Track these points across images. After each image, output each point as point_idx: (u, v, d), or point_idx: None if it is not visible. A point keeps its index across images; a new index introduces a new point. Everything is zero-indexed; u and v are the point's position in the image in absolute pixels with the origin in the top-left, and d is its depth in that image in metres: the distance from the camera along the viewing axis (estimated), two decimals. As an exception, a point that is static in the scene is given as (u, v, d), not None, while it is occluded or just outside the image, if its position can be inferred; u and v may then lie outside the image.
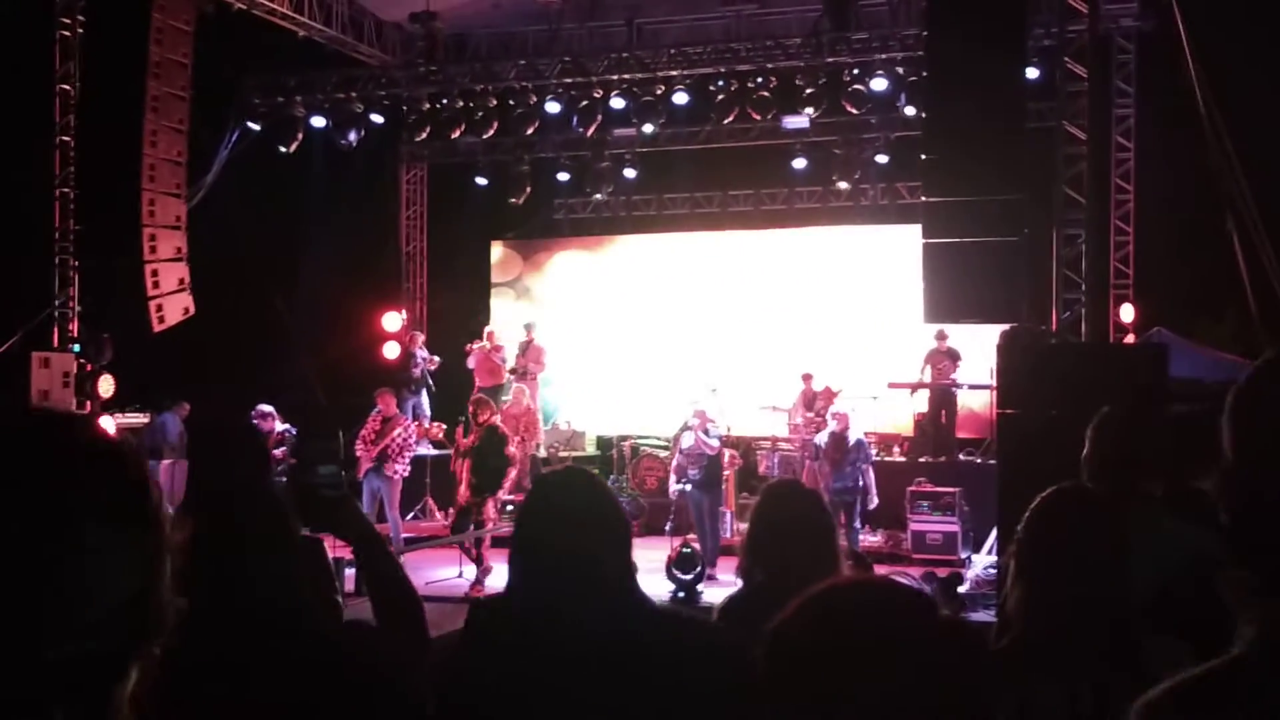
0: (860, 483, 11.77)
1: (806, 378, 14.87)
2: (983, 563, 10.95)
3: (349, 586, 6.30)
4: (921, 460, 14.03)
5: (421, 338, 16.69)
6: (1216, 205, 11.54)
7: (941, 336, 14.40)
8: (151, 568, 1.11)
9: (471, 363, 16.19)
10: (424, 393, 16.32)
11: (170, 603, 1.13)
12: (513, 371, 16.24)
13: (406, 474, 12.13)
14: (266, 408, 12.48)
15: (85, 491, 1.08)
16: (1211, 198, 11.65)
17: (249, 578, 1.98)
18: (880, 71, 14.44)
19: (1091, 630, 2.26)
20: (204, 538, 1.98)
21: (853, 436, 11.94)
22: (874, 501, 11.97)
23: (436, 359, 16.50)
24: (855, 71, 14.62)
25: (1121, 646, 2.26)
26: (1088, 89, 11.41)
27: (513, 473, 11.41)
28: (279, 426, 12.48)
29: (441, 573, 11.18)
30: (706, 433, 11.70)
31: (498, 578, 9.39)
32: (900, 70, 14.31)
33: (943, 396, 14.49)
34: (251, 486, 2.41)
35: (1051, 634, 2.28)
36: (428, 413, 16.12)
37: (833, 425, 12.05)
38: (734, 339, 17.54)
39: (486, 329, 16.84)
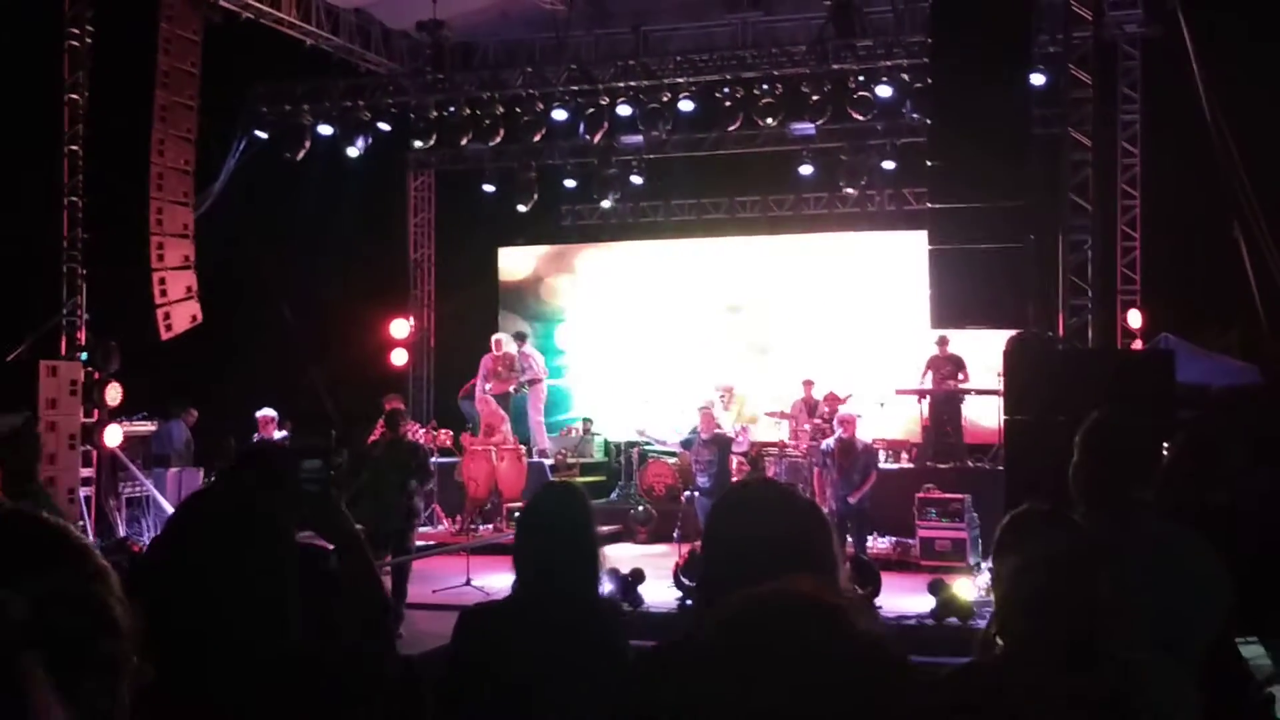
0: (865, 490, 11.69)
1: (807, 384, 14.86)
2: (991, 570, 10.90)
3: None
4: (931, 465, 13.99)
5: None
6: (1223, 211, 11.52)
7: (943, 343, 14.36)
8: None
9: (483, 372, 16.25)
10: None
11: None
12: (520, 386, 16.20)
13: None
14: (269, 412, 12.47)
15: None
16: (1218, 203, 11.63)
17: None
18: (885, 78, 14.46)
19: (1066, 641, 2.27)
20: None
21: (860, 442, 11.91)
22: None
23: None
24: (860, 78, 14.63)
25: (1104, 660, 2.26)
26: (1093, 95, 11.42)
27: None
28: (278, 434, 12.46)
29: (448, 580, 11.18)
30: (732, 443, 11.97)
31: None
32: (905, 77, 14.32)
33: (946, 402, 14.46)
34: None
35: (1024, 649, 2.31)
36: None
37: (839, 431, 12.02)
38: (742, 345, 17.54)
39: (495, 337, 16.85)
